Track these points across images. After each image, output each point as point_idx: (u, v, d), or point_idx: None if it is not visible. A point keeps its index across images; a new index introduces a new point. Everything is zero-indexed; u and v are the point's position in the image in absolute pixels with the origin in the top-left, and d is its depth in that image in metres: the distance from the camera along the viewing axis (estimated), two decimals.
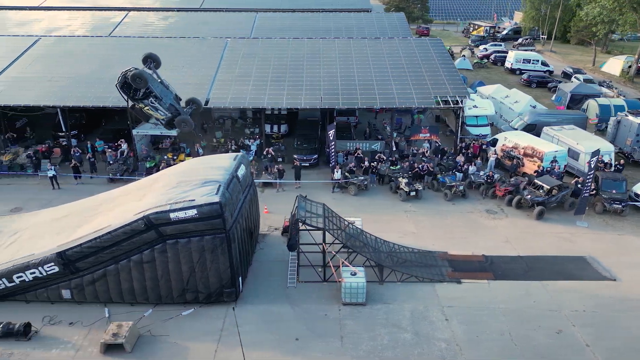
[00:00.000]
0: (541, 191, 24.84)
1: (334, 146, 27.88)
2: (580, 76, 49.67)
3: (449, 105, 29.49)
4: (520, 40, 71.35)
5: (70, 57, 33.82)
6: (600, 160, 25.08)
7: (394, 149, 30.99)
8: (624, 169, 28.48)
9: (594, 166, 23.18)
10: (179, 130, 31.58)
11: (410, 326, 17.10)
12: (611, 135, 32.22)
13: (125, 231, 16.75)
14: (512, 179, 27.09)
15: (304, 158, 30.11)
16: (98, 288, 17.61)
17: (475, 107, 32.87)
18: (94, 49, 35.19)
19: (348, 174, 27.79)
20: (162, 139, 32.62)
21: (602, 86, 47.42)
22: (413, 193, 26.46)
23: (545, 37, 74.34)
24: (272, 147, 30.49)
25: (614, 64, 56.16)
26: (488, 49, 64.03)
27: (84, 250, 16.99)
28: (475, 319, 17.46)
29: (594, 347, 16.21)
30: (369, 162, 28.54)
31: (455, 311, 17.88)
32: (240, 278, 18.26)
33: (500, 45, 66.35)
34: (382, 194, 27.75)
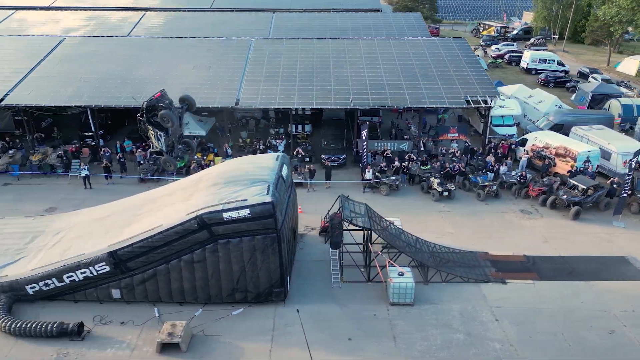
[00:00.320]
0: (577, 191, 24.83)
1: (366, 146, 27.86)
2: (597, 76, 49.63)
3: (480, 105, 29.46)
4: (532, 40, 71.34)
5: (97, 57, 33.80)
6: (636, 161, 25.03)
7: (421, 148, 30.99)
8: None
9: (635, 166, 23.16)
10: (206, 130, 31.89)
11: (461, 326, 17.09)
12: (638, 135, 32.21)
13: (177, 231, 16.76)
14: (545, 179, 27.06)
15: (332, 158, 30.09)
16: (148, 288, 17.62)
17: (501, 107, 32.88)
18: (120, 49, 35.20)
19: (379, 174, 27.79)
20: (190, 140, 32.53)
21: (621, 86, 47.41)
22: (446, 193, 26.46)
23: (557, 37, 74.31)
24: (300, 147, 30.48)
25: (629, 64, 56.11)
26: (501, 49, 63.96)
27: (136, 250, 17.01)
28: (525, 320, 17.45)
29: None
30: (400, 162, 28.53)
31: (504, 311, 17.87)
32: (288, 278, 18.27)
33: (513, 45, 66.23)
34: (413, 194, 27.74)
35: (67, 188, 27.88)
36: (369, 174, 27.55)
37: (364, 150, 28.02)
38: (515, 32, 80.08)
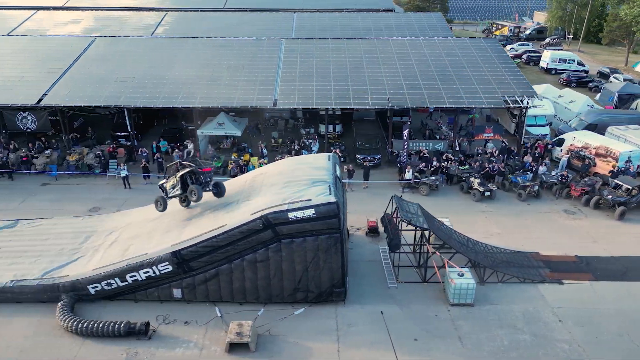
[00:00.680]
0: (621, 191, 24.79)
1: (406, 146, 27.83)
2: (619, 76, 49.53)
3: (518, 105, 29.41)
4: (547, 40, 71.22)
5: (129, 57, 33.85)
6: None
7: (457, 148, 30.96)
8: None
9: None
10: (241, 130, 31.84)
11: (526, 327, 17.04)
12: None
13: (242, 231, 16.75)
14: (587, 179, 27.00)
15: (368, 158, 30.04)
16: (209, 287, 17.60)
17: (534, 106, 32.80)
18: (152, 49, 35.22)
19: (418, 174, 27.76)
20: (223, 140, 32.64)
21: None
22: (487, 193, 26.42)
23: (572, 36, 74.23)
24: (337, 148, 30.43)
25: None
26: (517, 49, 63.86)
27: (199, 249, 17.00)
28: (588, 320, 17.39)
29: None
30: (439, 162, 28.50)
31: (566, 312, 17.81)
32: (347, 278, 18.25)
33: (528, 45, 66.13)
34: (452, 194, 27.70)
35: (107, 188, 27.89)
36: (408, 174, 27.51)
37: (405, 150, 27.97)
38: (528, 32, 79.98)
